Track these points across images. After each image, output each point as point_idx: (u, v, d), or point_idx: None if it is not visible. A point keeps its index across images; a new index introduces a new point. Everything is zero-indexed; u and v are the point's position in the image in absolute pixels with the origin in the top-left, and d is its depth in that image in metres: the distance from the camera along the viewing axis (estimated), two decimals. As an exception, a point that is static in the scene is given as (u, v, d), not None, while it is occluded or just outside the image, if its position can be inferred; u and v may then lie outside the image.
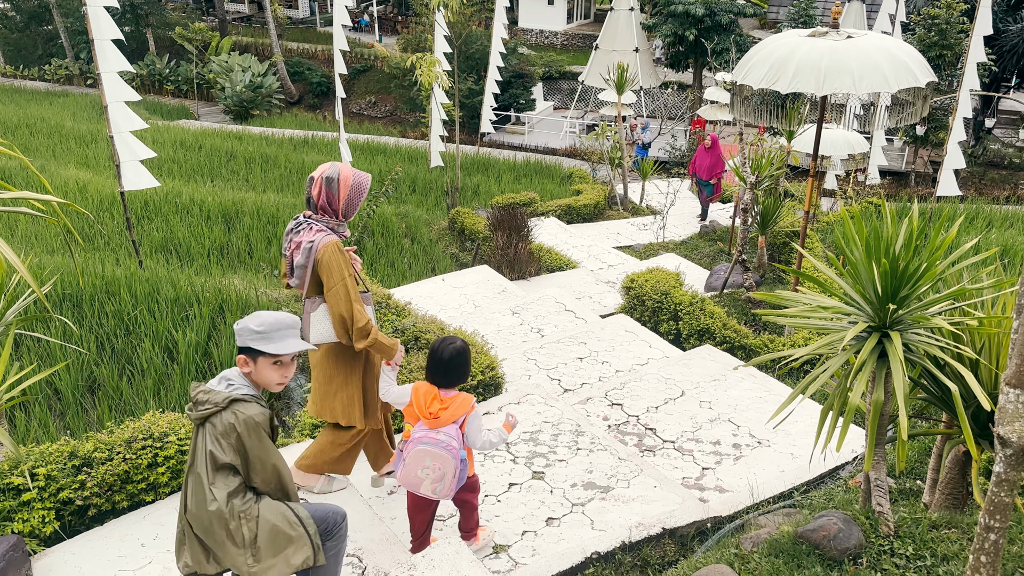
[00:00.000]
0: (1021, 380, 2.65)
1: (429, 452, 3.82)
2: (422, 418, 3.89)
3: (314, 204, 4.10)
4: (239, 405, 3.11)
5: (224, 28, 35.68)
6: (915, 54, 6.51)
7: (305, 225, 4.10)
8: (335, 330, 4.13)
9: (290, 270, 4.17)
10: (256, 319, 3.16)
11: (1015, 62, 24.75)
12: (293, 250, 4.10)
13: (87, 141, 18.79)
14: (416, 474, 3.86)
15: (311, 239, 4.02)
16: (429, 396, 3.91)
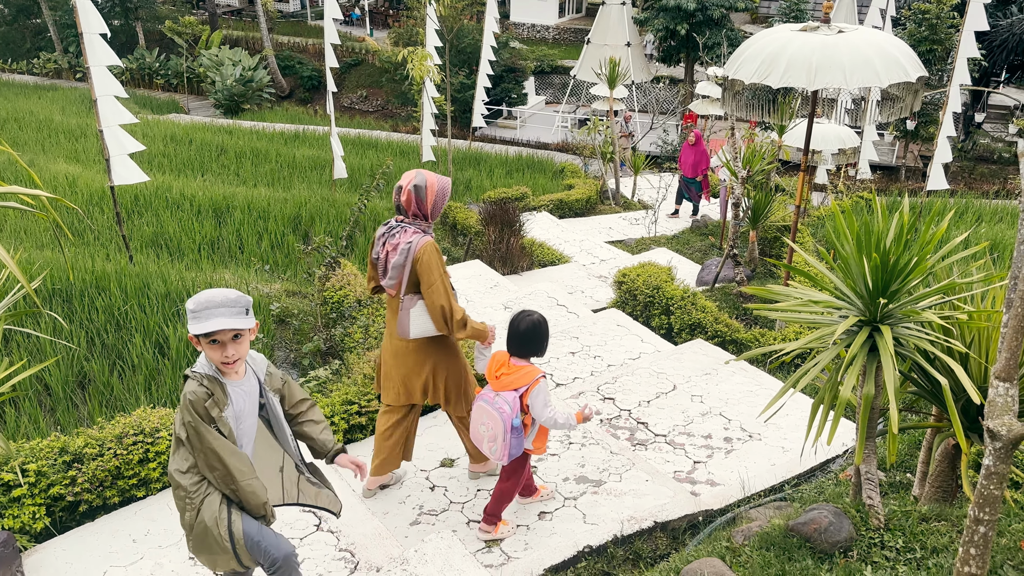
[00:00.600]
0: (1010, 374, 2.66)
1: (485, 411, 4.08)
2: (489, 381, 4.16)
3: (404, 210, 4.36)
4: (186, 382, 3.12)
5: (214, 22, 35.49)
6: (906, 49, 6.52)
7: (399, 228, 4.35)
8: (435, 323, 4.38)
9: (383, 271, 4.40)
10: (192, 300, 3.08)
11: (1005, 57, 24.84)
12: (389, 251, 4.33)
13: (76, 135, 18.67)
14: (478, 430, 4.16)
15: (408, 240, 4.28)
16: (499, 362, 4.16)
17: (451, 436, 5.46)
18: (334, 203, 12.54)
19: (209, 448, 3.09)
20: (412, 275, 4.32)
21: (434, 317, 4.36)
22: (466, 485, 4.96)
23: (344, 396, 5.42)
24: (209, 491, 3.18)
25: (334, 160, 13.83)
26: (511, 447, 4.05)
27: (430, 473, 5.09)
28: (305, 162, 17.34)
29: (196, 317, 3.04)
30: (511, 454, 4.08)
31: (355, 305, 6.99)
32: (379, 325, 6.53)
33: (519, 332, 4.12)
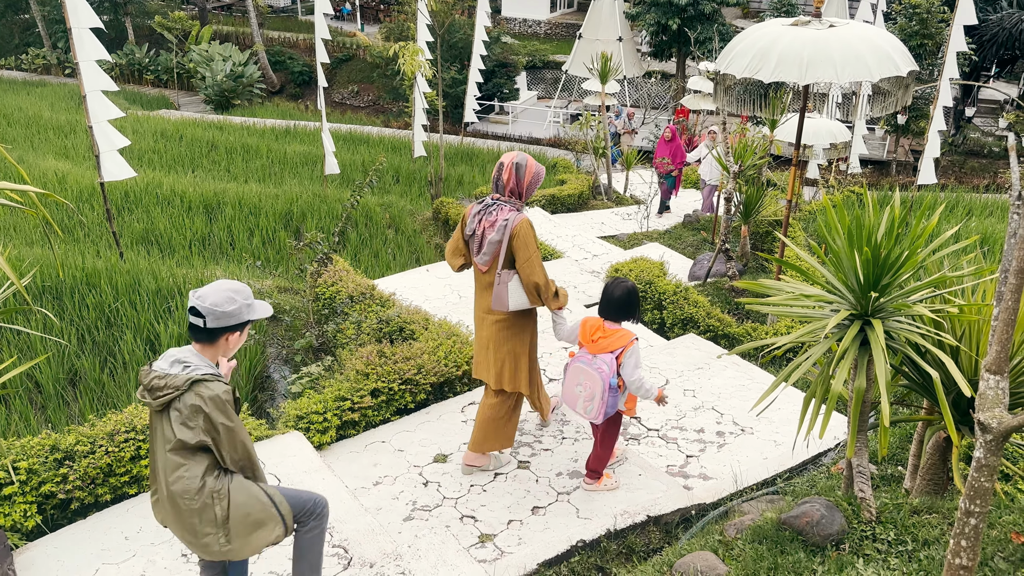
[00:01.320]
0: (1001, 367, 2.68)
1: (583, 371, 4.34)
2: (584, 345, 4.41)
3: (503, 187, 4.56)
4: (201, 386, 3.03)
5: (204, 17, 35.29)
6: (897, 43, 6.54)
7: (496, 206, 4.54)
8: (529, 297, 4.60)
9: (479, 247, 4.57)
10: (235, 294, 3.13)
11: (995, 51, 24.93)
12: (487, 227, 4.51)
13: (66, 131, 18.55)
14: (573, 391, 4.42)
15: (506, 217, 4.48)
16: (594, 326, 4.43)
17: (444, 432, 5.46)
18: (326, 199, 12.50)
19: (241, 442, 3.14)
20: (508, 251, 4.50)
21: (528, 291, 4.57)
22: (459, 480, 4.96)
23: (336, 392, 5.41)
24: (229, 477, 3.19)
25: (325, 156, 13.78)
26: (607, 405, 4.32)
27: (423, 469, 5.09)
28: (296, 158, 17.28)
29: (252, 307, 3.19)
30: (606, 412, 4.34)
31: (347, 301, 6.98)
32: (371, 321, 6.52)
33: (615, 298, 4.37)
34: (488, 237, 4.50)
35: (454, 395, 5.92)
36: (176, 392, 3.02)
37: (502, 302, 4.59)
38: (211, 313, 3.09)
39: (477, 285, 4.75)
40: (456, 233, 4.72)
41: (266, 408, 6.38)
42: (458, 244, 4.73)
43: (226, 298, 3.11)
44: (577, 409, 4.44)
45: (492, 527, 4.56)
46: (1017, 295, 2.60)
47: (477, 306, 4.79)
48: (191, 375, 3.04)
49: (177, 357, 3.10)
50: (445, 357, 5.88)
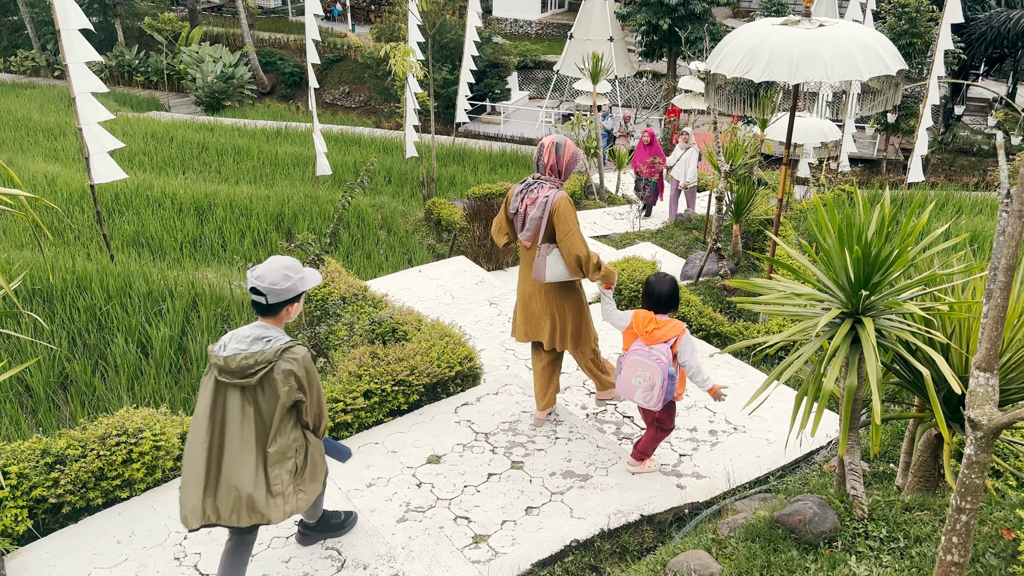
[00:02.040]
0: (991, 364, 2.69)
1: (641, 363, 4.54)
2: (640, 336, 4.62)
3: (544, 166, 4.88)
4: (289, 353, 3.45)
5: (194, 18, 35.17)
6: (886, 42, 6.57)
7: (536, 184, 4.86)
8: (570, 269, 4.90)
9: (522, 224, 4.88)
10: (288, 272, 3.50)
11: (983, 50, 25.05)
12: (528, 205, 4.82)
13: (55, 134, 18.47)
14: (631, 382, 4.60)
15: (546, 194, 4.78)
16: (647, 319, 4.65)
17: (438, 433, 5.46)
18: (317, 200, 12.48)
19: (320, 397, 3.58)
20: (548, 226, 4.81)
21: (569, 263, 4.85)
22: (453, 481, 4.96)
23: (329, 394, 5.39)
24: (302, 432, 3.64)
25: (317, 157, 13.76)
26: (666, 392, 4.54)
27: (417, 470, 5.08)
28: (288, 159, 17.25)
29: (304, 279, 3.55)
30: (665, 399, 4.57)
31: (339, 302, 6.96)
32: (364, 322, 6.51)
33: (664, 292, 4.65)
34: (530, 214, 4.81)
35: (447, 396, 5.92)
36: (269, 365, 3.40)
37: (539, 273, 4.92)
38: (271, 291, 3.46)
39: (523, 260, 5.11)
40: (500, 213, 5.06)
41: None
42: (502, 223, 5.08)
43: (281, 276, 3.48)
44: (635, 399, 4.64)
45: (486, 528, 4.56)
46: (1006, 292, 2.61)
47: (522, 278, 5.15)
48: (277, 346, 3.42)
49: (254, 335, 3.45)
50: (438, 358, 5.88)
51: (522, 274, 5.15)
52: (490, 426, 5.55)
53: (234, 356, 3.38)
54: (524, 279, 5.13)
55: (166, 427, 4.76)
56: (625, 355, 4.64)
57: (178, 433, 4.88)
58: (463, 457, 5.21)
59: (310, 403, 3.54)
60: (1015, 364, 3.63)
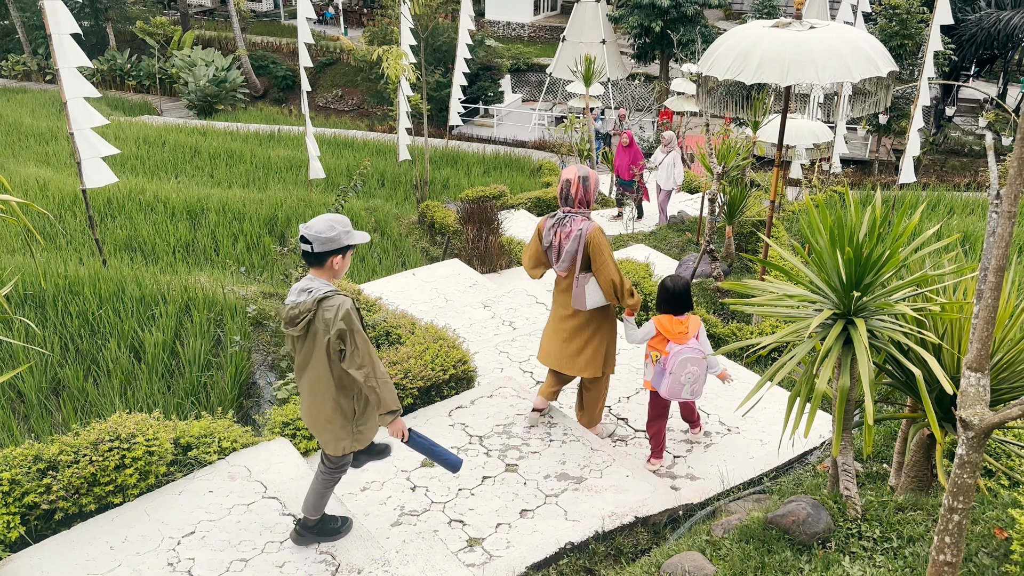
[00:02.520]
0: (982, 364, 2.70)
1: (690, 359, 4.86)
2: (672, 339, 4.93)
3: (572, 200, 5.06)
4: (326, 302, 3.67)
5: (186, 22, 35.10)
6: (877, 44, 6.59)
7: (568, 218, 5.06)
8: (606, 296, 5.12)
9: (557, 256, 5.10)
10: (334, 223, 3.72)
11: (973, 51, 25.17)
12: (563, 239, 5.04)
13: (47, 138, 18.41)
14: (680, 381, 4.88)
15: (579, 227, 5.00)
16: (674, 321, 4.97)
17: (431, 436, 5.44)
18: (310, 203, 12.46)
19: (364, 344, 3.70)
20: (584, 257, 5.03)
21: (606, 290, 5.09)
22: (447, 485, 4.95)
23: (323, 398, 5.38)
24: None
25: (310, 160, 13.74)
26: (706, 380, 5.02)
27: (411, 473, 5.08)
28: (280, 163, 17.23)
29: (351, 234, 3.76)
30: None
31: (333, 306, 6.95)
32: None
33: (680, 293, 5.00)
34: (565, 247, 5.03)
35: (441, 399, 5.92)
36: (310, 314, 3.66)
37: (580, 302, 5.14)
38: (316, 239, 3.68)
39: (556, 288, 5.33)
40: (534, 246, 5.24)
41: (252, 415, 6.35)
42: (538, 256, 5.25)
43: (327, 226, 3.70)
44: (683, 396, 4.95)
45: (480, 531, 4.55)
46: (997, 293, 2.62)
47: (557, 304, 5.34)
48: (317, 296, 3.66)
49: (301, 286, 3.74)
50: (432, 361, 5.87)
51: (558, 300, 5.32)
52: (484, 429, 5.55)
53: (287, 307, 3.75)
54: (561, 305, 5.30)
55: (159, 432, 4.75)
56: (668, 360, 4.88)
57: (171, 438, 4.87)
58: (457, 460, 5.20)
59: (350, 354, 3.68)
60: (1006, 364, 3.65)
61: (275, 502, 4.64)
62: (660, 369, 4.94)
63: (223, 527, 4.44)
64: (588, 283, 5.10)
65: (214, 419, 5.24)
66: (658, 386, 4.98)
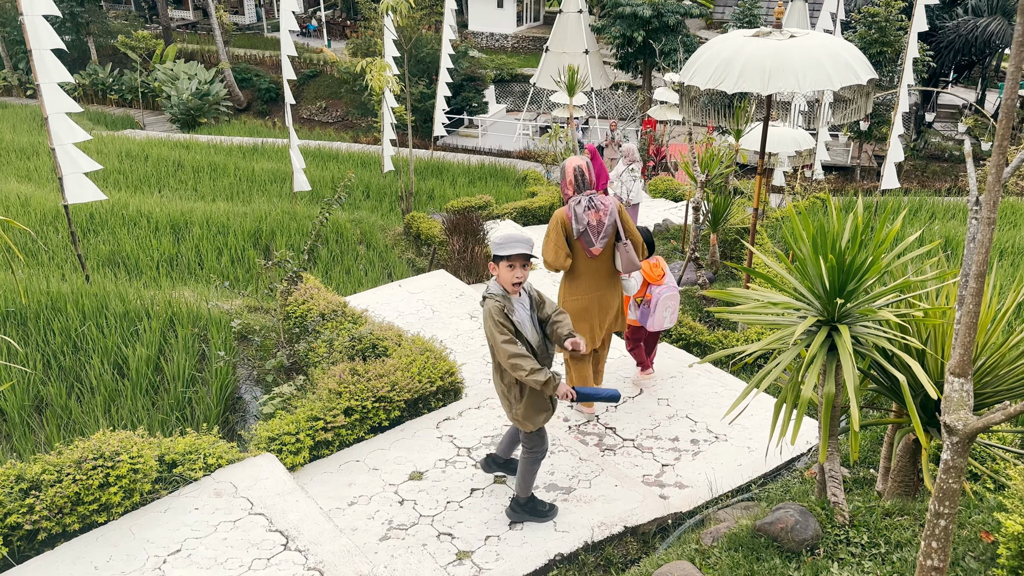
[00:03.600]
0: (964, 369, 2.72)
1: (672, 296, 6.04)
2: (652, 282, 6.00)
3: (590, 184, 5.54)
4: (487, 301, 4.36)
5: (168, 36, 35.00)
6: (856, 52, 6.66)
7: (595, 198, 5.50)
8: (639, 253, 5.73)
9: (597, 234, 5.50)
10: (501, 235, 4.37)
11: (952, 58, 25.49)
12: (601, 216, 5.48)
13: (28, 154, 18.26)
14: (663, 315, 6.02)
15: (605, 202, 5.51)
16: (651, 267, 6.05)
17: (420, 449, 5.43)
18: (295, 216, 12.42)
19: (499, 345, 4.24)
20: (615, 226, 5.57)
21: (639, 249, 5.73)
22: (436, 498, 4.93)
23: (309, 412, 5.36)
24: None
25: (294, 173, 13.70)
26: None
27: (399, 487, 5.05)
28: (264, 175, 17.17)
29: (501, 247, 4.27)
30: None
31: (318, 319, 6.92)
32: (343, 339, 6.48)
33: (649, 241, 5.99)
34: (605, 222, 5.50)
35: (428, 411, 5.89)
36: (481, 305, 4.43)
37: (632, 264, 5.63)
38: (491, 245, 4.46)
39: (587, 270, 5.66)
40: (559, 239, 5.54)
41: (237, 430, 6.30)
42: (563, 246, 5.56)
43: (497, 236, 4.51)
44: (665, 326, 6.07)
45: (470, 544, 4.53)
46: (978, 298, 2.65)
47: (593, 287, 5.71)
48: (484, 293, 4.40)
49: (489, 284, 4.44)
50: (419, 373, 5.85)
51: (590, 282, 5.69)
52: (472, 440, 5.54)
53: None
54: (597, 286, 5.72)
55: (143, 449, 4.70)
56: (653, 300, 5.95)
57: (156, 455, 4.82)
58: (445, 473, 5.18)
59: (490, 348, 4.37)
60: (989, 368, 3.68)
61: (262, 518, 4.60)
62: (645, 310, 5.97)
63: (209, 544, 4.40)
64: (627, 248, 5.57)
65: (199, 435, 5.20)
66: (645, 323, 6.01)
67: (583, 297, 5.72)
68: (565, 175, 5.57)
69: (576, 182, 5.49)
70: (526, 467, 4.62)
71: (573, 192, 5.52)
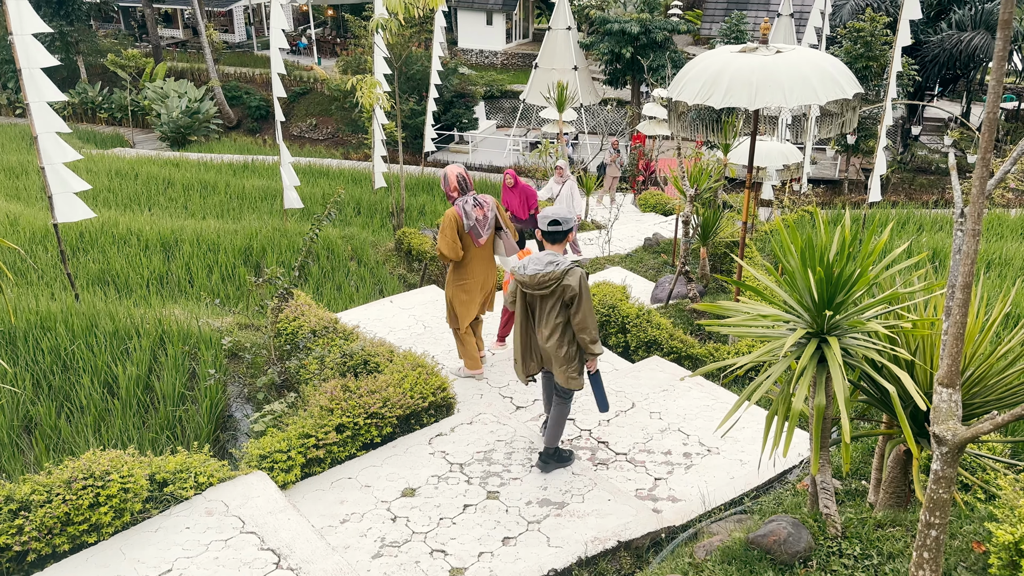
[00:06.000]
0: (952, 380, 2.74)
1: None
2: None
3: (471, 186, 6.58)
4: (571, 272, 4.92)
5: (158, 54, 35.03)
6: (841, 67, 6.73)
7: (477, 198, 6.53)
8: (514, 238, 6.77)
9: (484, 227, 6.52)
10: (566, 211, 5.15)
11: (937, 71, 25.75)
12: (486, 212, 6.53)
13: (17, 173, 18.20)
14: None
15: (486, 200, 6.58)
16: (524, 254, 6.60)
17: (412, 465, 5.42)
18: (286, 233, 12.41)
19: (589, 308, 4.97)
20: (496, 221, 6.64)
21: (515, 236, 6.78)
22: (428, 514, 4.92)
23: (300, 430, 5.34)
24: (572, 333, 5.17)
25: (285, 190, 13.71)
26: None
27: (391, 504, 5.03)
28: (255, 192, 17.15)
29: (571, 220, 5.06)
30: None
31: (309, 336, 6.91)
32: (335, 355, 6.47)
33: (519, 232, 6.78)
34: (488, 218, 6.54)
35: (421, 427, 5.88)
36: (559, 280, 4.91)
37: (512, 248, 6.67)
38: (566, 221, 5.07)
39: (474, 257, 6.63)
40: (452, 234, 6.45)
41: (228, 448, 6.27)
42: (457, 240, 6.48)
43: (567, 214, 5.11)
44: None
45: (463, 560, 4.52)
46: (965, 310, 2.67)
47: (478, 272, 6.69)
48: (568, 266, 4.92)
49: (548, 260, 4.96)
50: (411, 389, 5.85)
51: (480, 267, 6.68)
52: (465, 456, 5.53)
53: (534, 275, 4.92)
54: (482, 271, 6.70)
55: (134, 468, 4.67)
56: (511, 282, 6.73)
57: (146, 474, 4.79)
58: (438, 489, 5.17)
59: (575, 311, 4.93)
60: (978, 379, 3.71)
61: (253, 537, 4.58)
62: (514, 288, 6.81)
63: (201, 564, 4.37)
64: (507, 235, 6.66)
65: (190, 454, 5.17)
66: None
67: (471, 280, 6.68)
68: (449, 181, 6.52)
69: (460, 186, 6.48)
70: (560, 417, 5.27)
71: (458, 194, 6.50)
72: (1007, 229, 14.47)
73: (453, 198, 6.54)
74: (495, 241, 6.73)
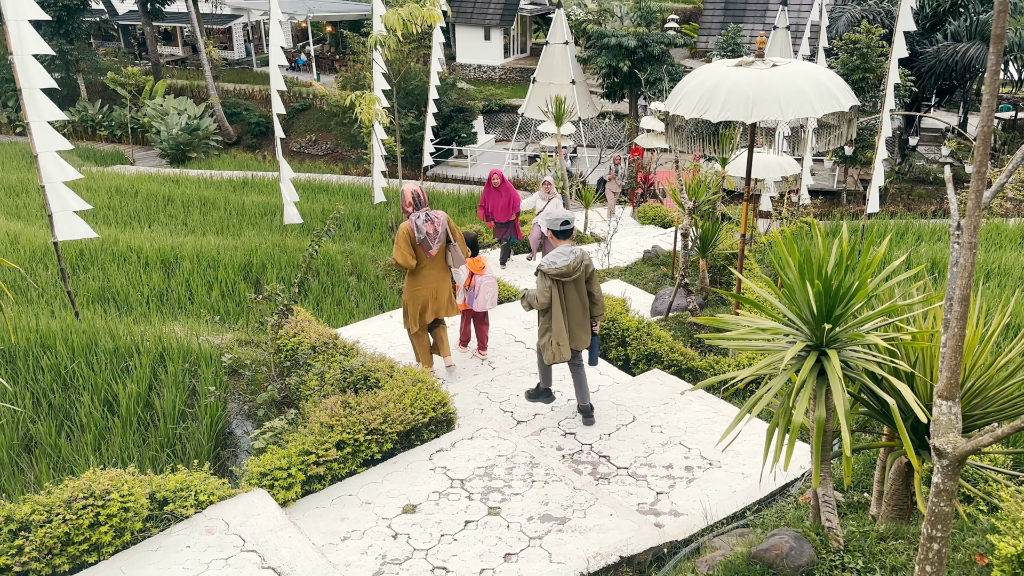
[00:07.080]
0: (952, 392, 2.74)
1: (491, 283, 7.62)
2: (476, 273, 7.57)
3: (425, 202, 7.17)
4: (587, 256, 6.07)
5: (158, 71, 35.19)
6: (837, 79, 6.77)
7: (430, 213, 7.11)
8: (464, 252, 7.37)
9: (435, 240, 7.09)
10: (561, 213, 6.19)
11: (933, 82, 25.86)
12: (437, 227, 7.10)
13: (17, 191, 18.24)
14: (484, 298, 7.60)
15: (438, 216, 7.16)
16: (474, 263, 7.59)
17: (413, 481, 5.41)
18: (286, 249, 12.42)
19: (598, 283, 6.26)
20: (447, 235, 7.20)
21: (464, 250, 7.35)
22: (429, 531, 4.90)
23: (301, 446, 5.33)
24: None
25: (284, 206, 13.73)
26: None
27: (392, 521, 5.02)
28: (255, 208, 17.19)
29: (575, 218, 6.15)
30: None
31: (310, 352, 6.91)
32: (335, 371, 6.46)
33: (472, 242, 7.74)
34: (439, 231, 7.13)
35: (421, 443, 5.87)
36: (582, 261, 5.98)
37: (460, 260, 7.28)
38: (572, 220, 6.09)
39: (429, 267, 7.21)
40: (405, 246, 7.02)
41: (229, 466, 6.25)
42: (410, 250, 7.05)
43: (571, 216, 6.18)
44: (487, 307, 7.66)
45: (464, 576, 4.49)
46: (963, 322, 2.68)
47: (430, 280, 7.24)
48: (580, 254, 5.98)
49: (568, 251, 5.95)
50: (411, 404, 5.84)
51: (431, 275, 7.24)
52: (466, 472, 5.51)
53: (566, 265, 5.87)
54: (434, 278, 7.27)
55: (134, 487, 4.66)
56: (477, 286, 7.56)
57: (147, 493, 4.78)
58: (439, 505, 5.15)
59: (592, 282, 6.13)
60: (978, 390, 3.70)
61: (254, 555, 4.56)
62: (472, 294, 7.57)
63: (201, 583, 4.35)
64: (456, 248, 7.23)
65: (190, 472, 5.16)
66: (471, 304, 7.61)
67: (423, 288, 7.24)
68: (404, 197, 7.09)
69: (415, 202, 7.08)
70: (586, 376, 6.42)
71: (413, 210, 7.06)
72: (1006, 239, 14.48)
73: (408, 213, 7.10)
74: (446, 253, 7.28)
